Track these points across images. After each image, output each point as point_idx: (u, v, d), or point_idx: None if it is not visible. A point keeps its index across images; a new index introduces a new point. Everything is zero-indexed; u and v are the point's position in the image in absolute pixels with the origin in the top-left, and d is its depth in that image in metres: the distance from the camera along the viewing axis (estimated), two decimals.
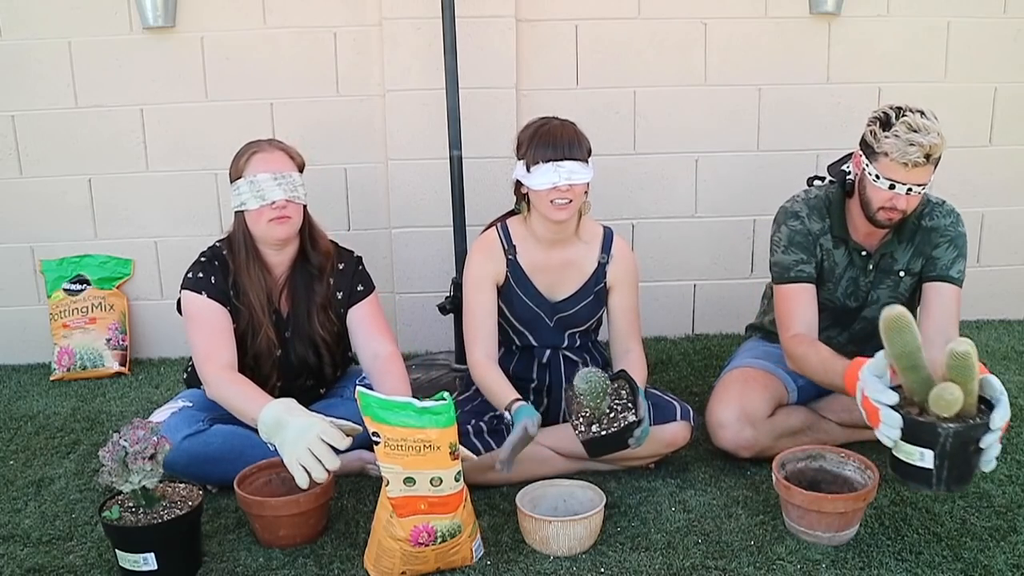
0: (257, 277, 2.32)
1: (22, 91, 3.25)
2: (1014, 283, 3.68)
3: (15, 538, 2.16)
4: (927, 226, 2.37)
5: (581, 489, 2.16)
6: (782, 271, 2.40)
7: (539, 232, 2.39)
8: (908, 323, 1.79)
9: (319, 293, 2.39)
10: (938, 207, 2.39)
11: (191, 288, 2.31)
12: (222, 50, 3.24)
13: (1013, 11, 3.40)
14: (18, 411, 2.99)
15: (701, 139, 3.42)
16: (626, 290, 2.46)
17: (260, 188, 2.25)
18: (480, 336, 2.38)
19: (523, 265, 2.42)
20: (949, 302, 2.34)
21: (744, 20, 3.33)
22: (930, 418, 1.81)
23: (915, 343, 1.80)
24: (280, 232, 2.29)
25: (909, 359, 1.81)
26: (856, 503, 2.00)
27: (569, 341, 2.48)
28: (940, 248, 2.36)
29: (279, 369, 2.39)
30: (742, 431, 2.37)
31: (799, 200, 2.45)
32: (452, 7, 2.87)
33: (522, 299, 2.42)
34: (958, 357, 1.76)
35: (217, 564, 2.03)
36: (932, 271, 2.37)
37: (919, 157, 2.14)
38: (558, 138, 2.26)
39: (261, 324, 2.32)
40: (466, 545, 1.98)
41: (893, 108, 2.21)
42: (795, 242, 2.39)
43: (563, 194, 2.26)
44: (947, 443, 1.78)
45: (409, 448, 1.86)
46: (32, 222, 3.37)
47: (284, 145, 2.37)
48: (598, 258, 2.44)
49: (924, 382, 1.83)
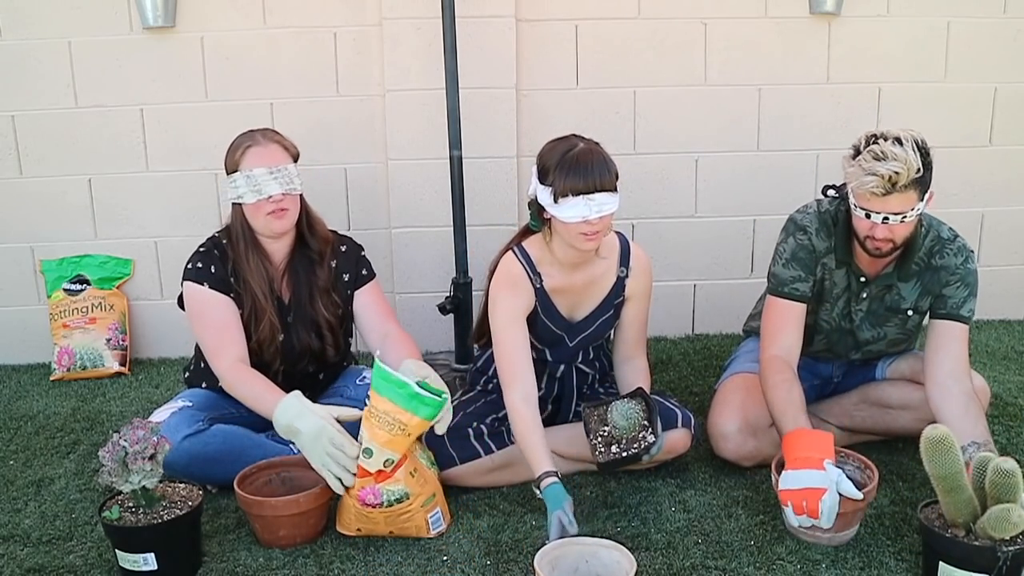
0: (257, 265, 2.33)
1: (22, 91, 3.25)
2: (1014, 283, 3.68)
3: (15, 538, 2.16)
4: (937, 264, 2.28)
5: (606, 550, 1.90)
6: (778, 284, 2.34)
7: (562, 257, 2.28)
8: (951, 445, 1.77)
9: (320, 277, 2.41)
10: (949, 244, 2.30)
11: (193, 279, 2.33)
12: (222, 50, 3.24)
13: (1013, 11, 3.40)
14: (18, 411, 2.99)
15: (701, 139, 3.42)
16: (641, 303, 2.41)
17: (257, 183, 2.26)
18: (516, 375, 2.22)
19: (548, 291, 2.33)
20: (959, 343, 2.24)
21: (744, 20, 3.33)
22: (986, 541, 1.77)
23: (958, 465, 1.77)
24: (278, 225, 2.30)
25: (952, 480, 1.78)
26: (855, 504, 1.99)
27: (584, 355, 2.45)
28: (951, 287, 2.27)
29: (281, 354, 2.39)
30: (745, 443, 2.37)
31: (811, 213, 2.35)
32: (452, 7, 2.87)
33: (546, 324, 2.36)
34: (1005, 475, 1.73)
35: (217, 564, 2.03)
36: (942, 308, 2.27)
37: (877, 188, 2.04)
38: (589, 170, 2.10)
39: (264, 311, 2.33)
40: (419, 515, 2.05)
41: (869, 135, 2.10)
42: (797, 257, 2.32)
43: (593, 227, 2.13)
44: (1005, 566, 1.75)
45: (385, 423, 1.98)
46: (32, 222, 3.36)
47: (278, 136, 2.37)
48: (617, 272, 2.36)
49: (967, 503, 1.80)
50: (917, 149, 2.05)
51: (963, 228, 3.53)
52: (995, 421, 2.69)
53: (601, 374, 2.53)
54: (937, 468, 1.78)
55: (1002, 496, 1.75)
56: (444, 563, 2.02)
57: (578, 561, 1.91)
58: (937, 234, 2.31)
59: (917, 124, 3.40)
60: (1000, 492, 1.75)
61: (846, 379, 2.57)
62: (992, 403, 2.77)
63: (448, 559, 2.03)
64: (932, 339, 2.28)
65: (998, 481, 1.75)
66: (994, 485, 1.76)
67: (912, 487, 2.29)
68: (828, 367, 2.56)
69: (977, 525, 1.79)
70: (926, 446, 1.79)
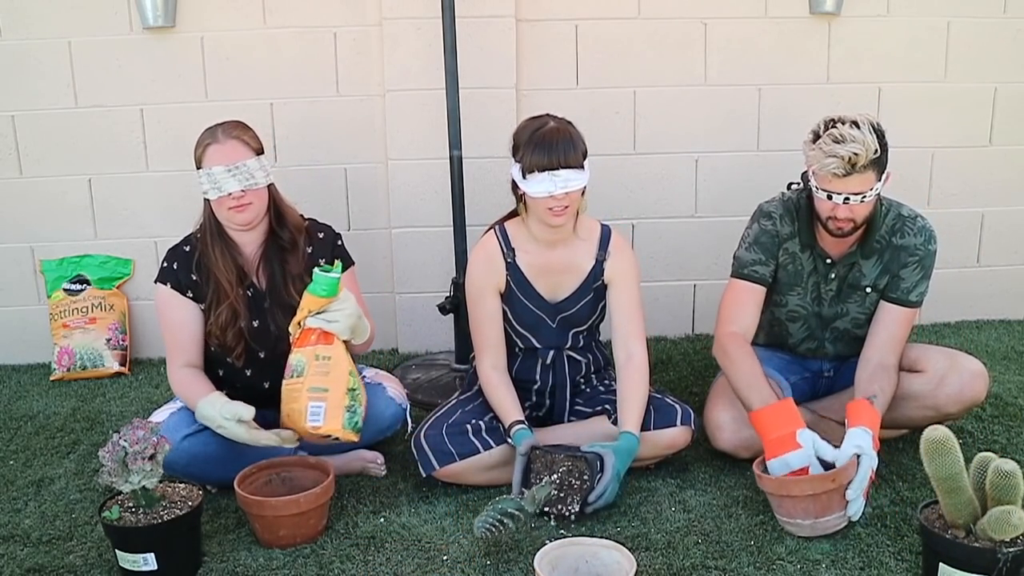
0: (223, 254, 2.37)
1: (22, 91, 3.25)
2: (1014, 283, 3.68)
3: (15, 538, 2.16)
4: (898, 244, 2.38)
5: (606, 550, 1.91)
6: (739, 266, 2.46)
7: (537, 233, 2.39)
8: (951, 446, 1.77)
9: (292, 264, 2.42)
10: (910, 223, 2.39)
11: (160, 280, 2.40)
12: (222, 50, 3.24)
13: (1013, 11, 3.40)
14: (18, 411, 2.99)
15: (701, 139, 3.42)
16: (625, 285, 2.43)
17: (216, 180, 2.28)
18: (487, 346, 2.40)
19: (523, 268, 2.41)
20: (899, 327, 2.38)
21: (744, 20, 3.33)
22: (986, 543, 1.77)
23: (958, 466, 1.78)
24: (240, 219, 2.33)
25: (952, 482, 1.78)
26: (824, 483, 1.99)
27: (572, 341, 2.47)
28: (907, 268, 2.37)
29: (257, 338, 2.40)
30: (739, 431, 2.38)
31: (776, 201, 2.49)
32: (452, 7, 2.87)
33: (524, 303, 2.41)
34: (1005, 476, 1.74)
35: (217, 564, 2.03)
36: (893, 292, 2.39)
37: (838, 169, 2.16)
38: (554, 147, 2.22)
39: (226, 297, 2.36)
40: (303, 397, 2.12)
41: (827, 120, 2.23)
42: (760, 242, 2.44)
43: (559, 202, 2.25)
44: (1005, 568, 1.76)
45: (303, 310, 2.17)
46: (32, 222, 3.36)
47: (239, 131, 2.36)
48: (596, 255, 2.43)
49: (967, 505, 1.80)
50: (874, 131, 2.18)
51: (963, 228, 3.59)
52: (995, 421, 2.69)
53: (596, 367, 2.53)
54: (937, 469, 1.79)
55: (1002, 497, 1.75)
56: (444, 563, 2.02)
57: (578, 561, 1.91)
58: (898, 212, 2.41)
59: (917, 124, 3.45)
60: (1000, 493, 1.75)
61: (839, 375, 2.58)
62: (992, 403, 2.77)
63: (448, 559, 2.03)
64: (876, 318, 2.42)
65: (998, 482, 1.75)
66: (994, 486, 1.76)
67: (912, 487, 2.29)
68: (816, 362, 2.60)
69: (977, 526, 1.79)
70: (926, 447, 1.79)
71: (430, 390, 2.99)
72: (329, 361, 2.15)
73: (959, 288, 3.62)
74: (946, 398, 2.34)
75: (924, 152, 3.50)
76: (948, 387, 2.34)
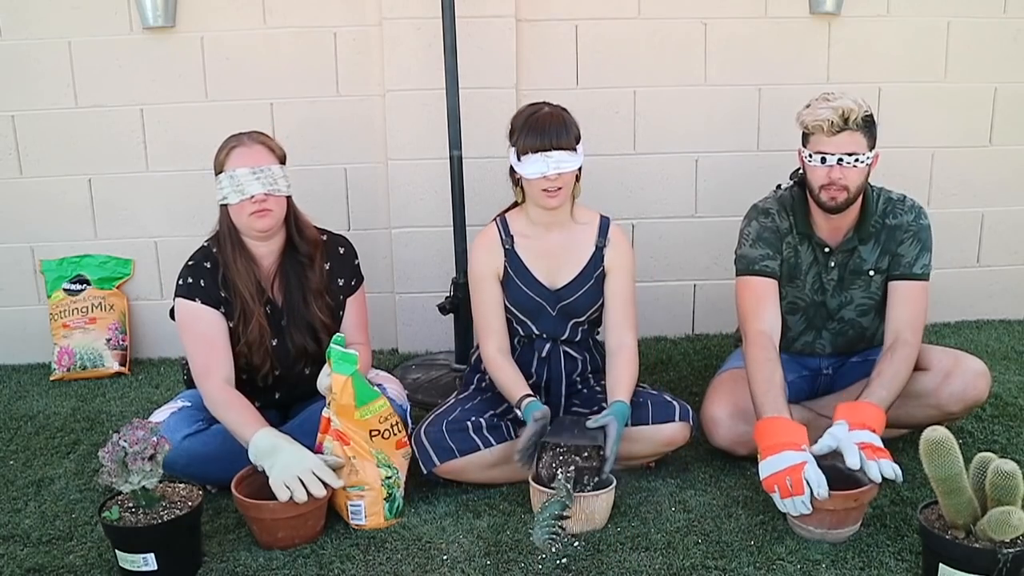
0: (244, 267, 2.34)
1: (22, 91, 3.25)
2: (1014, 283, 3.68)
3: (15, 538, 2.16)
4: (891, 224, 2.41)
5: None
6: (748, 263, 2.45)
7: (535, 217, 2.43)
8: (951, 447, 1.77)
9: (312, 279, 2.41)
10: (899, 204, 2.44)
11: (184, 296, 2.33)
12: (222, 50, 3.24)
13: (1013, 11, 3.40)
14: (18, 411, 2.99)
15: (701, 139, 3.42)
16: (621, 275, 2.47)
17: (239, 183, 2.27)
18: (491, 330, 2.44)
19: (521, 254, 2.44)
20: (911, 302, 2.38)
21: (744, 20, 3.33)
22: (986, 543, 1.77)
23: (958, 467, 1.78)
24: (260, 224, 2.30)
25: (952, 482, 1.78)
26: (847, 502, 2.00)
27: (571, 333, 2.48)
28: (905, 244, 2.40)
29: (274, 357, 2.39)
30: (736, 427, 2.38)
31: (770, 199, 2.52)
32: (452, 7, 2.87)
33: (521, 289, 2.44)
34: (1005, 476, 1.74)
35: (217, 564, 2.03)
36: (897, 269, 2.41)
37: (835, 117, 2.23)
38: (546, 128, 2.29)
39: (253, 313, 2.33)
40: (341, 495, 2.15)
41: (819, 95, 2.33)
42: (763, 237, 2.45)
43: (553, 183, 2.30)
44: (1005, 568, 1.75)
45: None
46: (32, 222, 3.37)
47: (264, 137, 2.37)
48: (596, 242, 2.46)
49: (967, 505, 1.80)
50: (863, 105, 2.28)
51: (963, 228, 3.58)
52: (995, 421, 2.69)
53: (594, 367, 2.54)
54: (937, 470, 1.79)
55: (1002, 498, 1.75)
56: (444, 563, 2.02)
57: None
58: (887, 196, 2.45)
59: (917, 124, 3.45)
60: (1000, 494, 1.75)
61: (839, 374, 2.58)
62: (992, 403, 2.77)
63: (448, 559, 2.03)
64: (891, 300, 2.41)
65: (998, 483, 1.75)
66: (994, 487, 1.76)
67: (912, 487, 2.29)
68: (815, 360, 2.60)
69: (977, 527, 1.79)
70: (926, 448, 1.79)
71: (430, 390, 2.99)
72: (355, 461, 2.14)
73: (959, 288, 3.62)
74: (949, 396, 2.34)
75: (924, 152, 3.50)
76: (952, 385, 2.34)
